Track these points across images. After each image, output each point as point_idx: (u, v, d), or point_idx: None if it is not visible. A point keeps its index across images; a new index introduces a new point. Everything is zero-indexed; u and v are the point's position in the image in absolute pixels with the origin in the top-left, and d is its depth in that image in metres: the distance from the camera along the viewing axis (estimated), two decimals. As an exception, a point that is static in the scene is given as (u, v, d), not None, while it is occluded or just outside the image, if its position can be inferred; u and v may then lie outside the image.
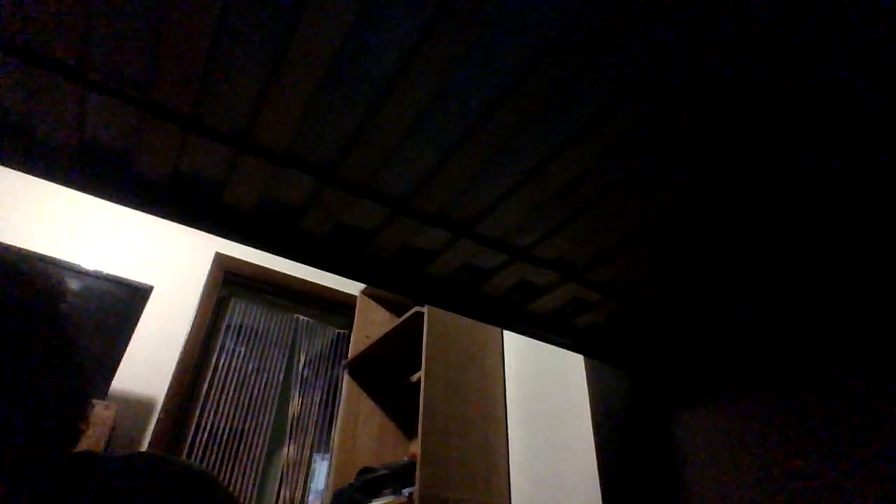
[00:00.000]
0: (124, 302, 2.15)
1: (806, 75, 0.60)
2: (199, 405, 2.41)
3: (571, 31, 0.58)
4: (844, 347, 0.88)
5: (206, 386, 2.47)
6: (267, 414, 2.59)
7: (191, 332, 2.39)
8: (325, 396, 2.82)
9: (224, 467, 2.37)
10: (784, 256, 0.86)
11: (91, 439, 1.72)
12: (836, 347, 0.89)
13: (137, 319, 2.17)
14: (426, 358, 1.77)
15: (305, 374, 2.82)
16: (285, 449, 2.60)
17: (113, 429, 1.90)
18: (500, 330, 1.97)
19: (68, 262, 2.06)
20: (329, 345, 2.97)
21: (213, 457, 2.36)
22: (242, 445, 2.46)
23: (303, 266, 0.95)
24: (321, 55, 0.61)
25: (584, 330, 1.15)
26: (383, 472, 1.84)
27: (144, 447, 2.06)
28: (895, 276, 0.84)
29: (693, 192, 0.77)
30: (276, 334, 2.81)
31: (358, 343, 2.32)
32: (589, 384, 1.29)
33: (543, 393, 1.69)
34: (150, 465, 0.60)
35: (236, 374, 2.59)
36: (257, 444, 2.50)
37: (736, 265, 0.90)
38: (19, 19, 0.58)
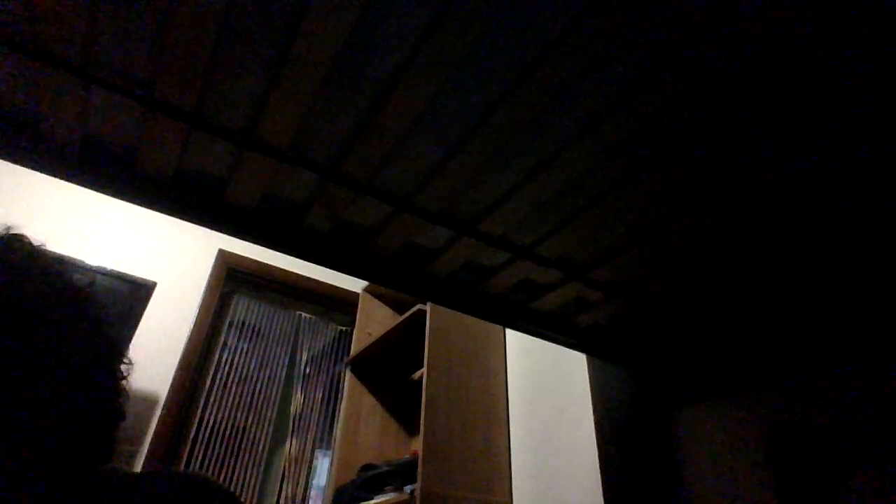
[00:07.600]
0: (127, 298, 2.16)
1: (807, 74, 0.60)
2: (202, 401, 2.42)
3: (574, 30, 0.58)
4: (847, 347, 0.88)
5: (208, 382, 2.47)
6: (269, 410, 2.59)
7: (194, 329, 2.39)
8: (327, 393, 2.82)
9: (226, 464, 2.38)
10: (787, 255, 0.86)
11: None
12: (838, 347, 0.89)
13: (141, 315, 2.17)
14: (428, 355, 1.77)
15: (307, 370, 2.83)
16: (287, 445, 2.61)
17: (116, 424, 1.90)
18: (502, 328, 1.96)
19: (72, 258, 2.06)
20: (331, 342, 2.97)
21: (216, 453, 2.36)
22: (245, 442, 2.47)
23: (305, 263, 0.95)
24: (324, 52, 0.61)
25: (587, 328, 1.15)
26: (385, 468, 1.85)
27: (147, 443, 2.06)
28: (899, 276, 0.83)
29: (696, 191, 0.77)
30: (278, 331, 2.81)
31: (360, 340, 2.32)
32: (591, 382, 1.29)
33: (545, 391, 1.69)
34: (165, 482, 0.58)
35: (239, 371, 2.59)
36: (259, 440, 2.51)
37: (739, 264, 0.90)
38: (24, 16, 0.58)
